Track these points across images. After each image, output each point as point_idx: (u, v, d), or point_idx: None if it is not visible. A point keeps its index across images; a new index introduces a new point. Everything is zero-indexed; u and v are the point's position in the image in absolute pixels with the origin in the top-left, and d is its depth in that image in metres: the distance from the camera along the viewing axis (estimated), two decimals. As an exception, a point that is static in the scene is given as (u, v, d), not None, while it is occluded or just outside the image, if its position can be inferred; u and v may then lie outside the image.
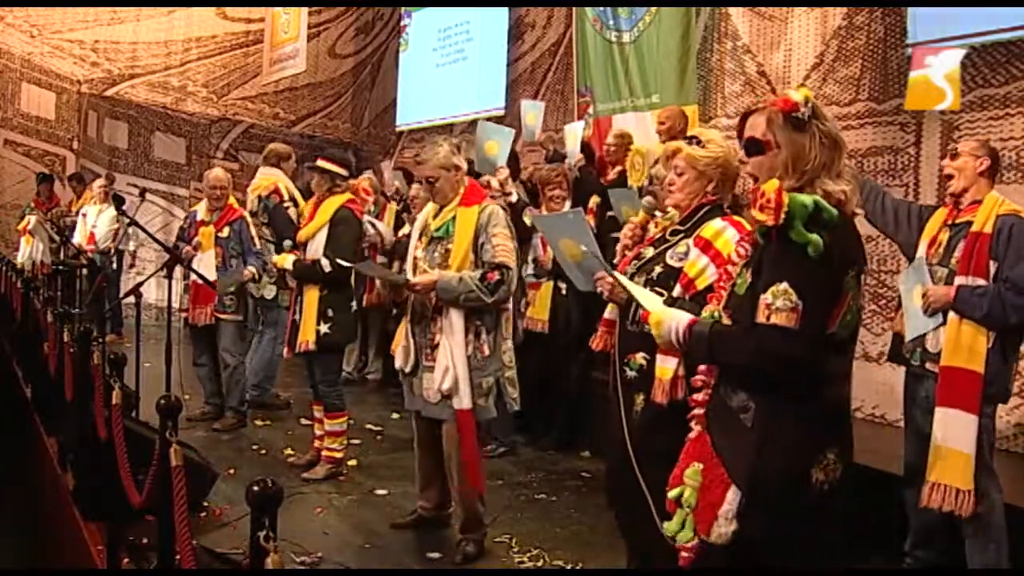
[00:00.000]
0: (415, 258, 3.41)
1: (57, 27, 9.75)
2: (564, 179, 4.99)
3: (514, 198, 4.83)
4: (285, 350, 4.57)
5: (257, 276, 5.07)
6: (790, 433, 1.76)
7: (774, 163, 1.81)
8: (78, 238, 7.95)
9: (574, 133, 5.88)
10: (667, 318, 1.92)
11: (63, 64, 9.81)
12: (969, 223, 3.00)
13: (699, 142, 2.59)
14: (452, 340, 3.21)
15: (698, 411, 1.95)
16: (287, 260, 4.33)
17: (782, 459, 1.76)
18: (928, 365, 3.06)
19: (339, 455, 4.38)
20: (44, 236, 7.88)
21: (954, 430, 2.91)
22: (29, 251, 7.74)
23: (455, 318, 3.21)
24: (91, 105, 9.93)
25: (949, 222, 3.11)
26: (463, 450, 3.26)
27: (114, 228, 7.95)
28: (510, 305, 3.39)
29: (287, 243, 4.66)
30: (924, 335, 3.07)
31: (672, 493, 1.87)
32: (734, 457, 1.79)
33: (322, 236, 4.26)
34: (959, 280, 2.96)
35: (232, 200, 5.28)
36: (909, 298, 3.12)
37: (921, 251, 3.15)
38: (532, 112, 6.05)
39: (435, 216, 3.39)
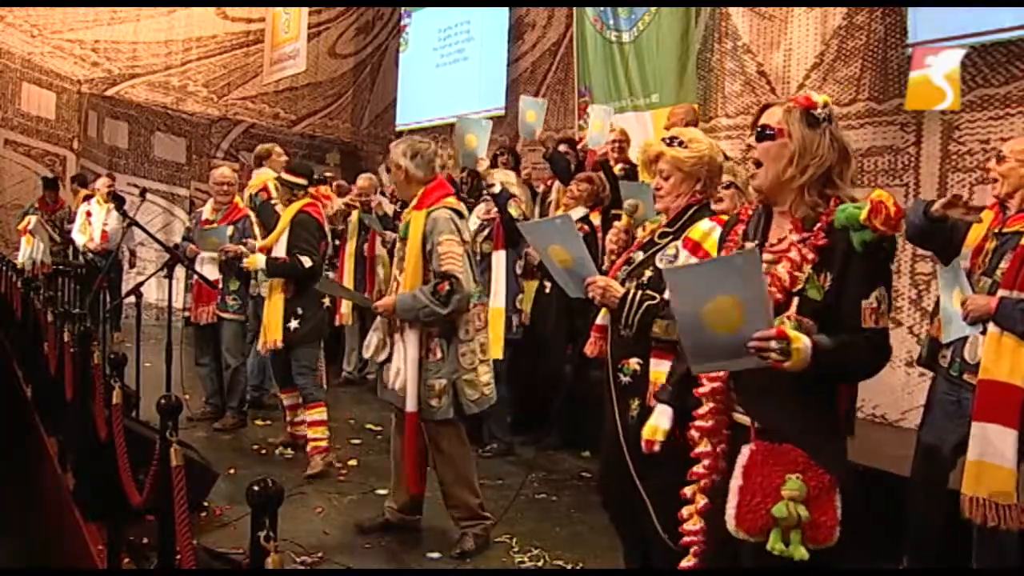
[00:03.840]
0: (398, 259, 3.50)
1: (57, 27, 9.76)
2: (576, 187, 4.92)
3: (496, 189, 4.75)
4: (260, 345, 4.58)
5: (244, 255, 4.99)
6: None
7: (781, 151, 1.89)
8: (81, 237, 7.90)
9: (600, 121, 5.63)
10: (803, 340, 1.76)
11: (63, 64, 9.81)
12: (1018, 233, 2.85)
13: (680, 143, 2.55)
14: (406, 343, 3.28)
15: (702, 423, 1.97)
16: (259, 261, 4.40)
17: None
18: (966, 376, 2.94)
19: (324, 443, 4.43)
20: (44, 236, 7.88)
21: (994, 445, 2.78)
22: (29, 251, 7.74)
23: (409, 323, 3.30)
24: (91, 105, 9.93)
25: (996, 230, 2.95)
26: (406, 450, 3.34)
27: (124, 226, 7.91)
28: (471, 308, 3.37)
29: (251, 243, 4.75)
30: (963, 345, 2.97)
31: (778, 510, 1.76)
32: (835, 462, 1.82)
33: (283, 240, 4.41)
34: (1002, 293, 2.79)
35: (238, 199, 5.32)
36: (948, 301, 3.02)
37: (965, 261, 3.01)
38: (532, 110, 5.82)
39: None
